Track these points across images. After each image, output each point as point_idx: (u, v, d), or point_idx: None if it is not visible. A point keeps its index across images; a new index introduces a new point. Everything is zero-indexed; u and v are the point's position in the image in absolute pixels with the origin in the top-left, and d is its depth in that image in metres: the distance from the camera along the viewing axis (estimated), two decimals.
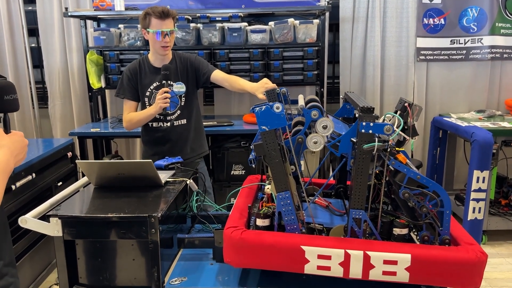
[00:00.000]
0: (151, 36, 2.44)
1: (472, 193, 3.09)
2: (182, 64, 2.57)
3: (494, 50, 3.83)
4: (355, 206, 1.56)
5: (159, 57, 2.52)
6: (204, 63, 2.59)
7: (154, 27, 2.41)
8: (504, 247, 3.34)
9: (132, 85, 2.55)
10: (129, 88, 2.55)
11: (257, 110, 1.54)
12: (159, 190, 1.86)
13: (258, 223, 1.63)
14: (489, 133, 3.04)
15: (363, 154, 1.52)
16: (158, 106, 2.38)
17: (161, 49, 2.46)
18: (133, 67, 2.56)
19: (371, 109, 1.52)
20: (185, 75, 2.56)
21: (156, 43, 2.44)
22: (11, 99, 1.15)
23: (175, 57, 2.59)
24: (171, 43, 2.48)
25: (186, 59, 2.59)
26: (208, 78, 2.55)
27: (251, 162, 1.59)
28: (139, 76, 2.54)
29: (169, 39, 2.44)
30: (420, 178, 1.51)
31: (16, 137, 1.13)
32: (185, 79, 2.55)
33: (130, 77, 2.54)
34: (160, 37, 2.40)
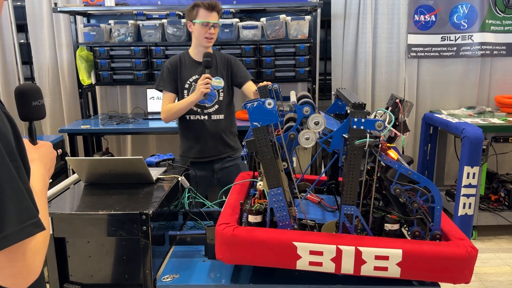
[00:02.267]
0: (196, 27, 2.47)
1: (462, 188, 3.11)
2: (222, 61, 2.61)
3: (484, 47, 3.86)
4: (346, 202, 1.56)
5: (201, 50, 2.53)
6: (243, 68, 2.64)
7: (201, 18, 2.45)
8: (494, 242, 3.38)
9: (172, 77, 2.57)
10: (169, 80, 2.57)
11: (249, 106, 1.53)
12: (151, 187, 1.85)
13: (250, 219, 1.63)
14: (479, 129, 3.07)
15: (354, 150, 1.52)
16: (200, 91, 2.38)
17: (205, 40, 2.49)
18: (174, 60, 2.60)
19: (363, 105, 1.52)
20: (223, 72, 2.59)
21: (201, 34, 2.47)
22: (39, 105, 1.02)
23: (215, 54, 2.61)
24: (215, 36, 2.52)
25: (226, 57, 2.63)
26: (242, 84, 2.59)
27: (243, 159, 1.58)
28: (179, 69, 2.58)
29: (214, 31, 2.48)
30: (411, 174, 1.52)
31: (45, 148, 1.04)
32: (223, 76, 2.58)
33: (171, 69, 2.57)
34: (206, 28, 2.44)
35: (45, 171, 0.99)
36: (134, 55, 3.48)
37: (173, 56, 2.64)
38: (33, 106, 1.01)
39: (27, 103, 1.00)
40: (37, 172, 0.95)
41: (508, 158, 3.96)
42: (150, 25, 3.43)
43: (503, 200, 3.52)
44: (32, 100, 1.01)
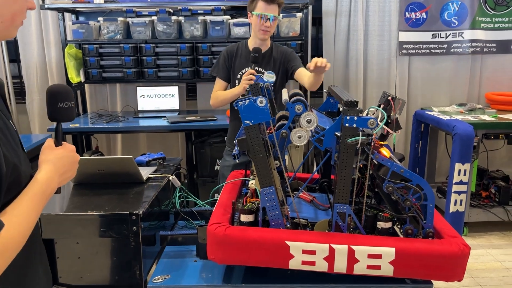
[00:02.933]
0: (254, 19, 2.50)
1: (453, 185, 3.12)
2: (278, 54, 2.62)
3: (475, 44, 3.88)
4: (339, 200, 1.55)
5: (258, 42, 2.56)
6: (296, 58, 2.64)
7: (258, 10, 2.47)
8: (485, 238, 3.40)
9: (227, 65, 2.63)
10: (224, 68, 2.64)
11: (241, 104, 1.51)
12: (141, 187, 1.83)
13: (242, 219, 1.61)
14: (470, 126, 3.08)
15: (347, 148, 1.51)
16: (242, 86, 2.43)
17: (261, 32, 2.50)
18: (232, 49, 2.65)
19: (355, 103, 1.51)
20: (278, 66, 2.61)
21: (257, 26, 2.49)
22: (66, 107, 1.01)
23: (273, 47, 2.64)
24: (271, 29, 2.52)
25: (282, 51, 2.64)
26: (293, 73, 2.59)
27: (235, 157, 1.56)
28: (234, 58, 2.62)
29: (270, 24, 2.48)
30: (404, 172, 1.51)
31: (66, 151, 1.01)
32: (277, 70, 2.59)
33: (227, 57, 2.63)
34: (262, 20, 2.45)
35: (55, 174, 0.96)
36: (123, 53, 3.44)
37: (233, 44, 2.68)
38: (58, 108, 1.00)
39: (53, 104, 1.00)
40: (40, 175, 0.93)
41: (498, 154, 3.99)
42: (139, 22, 3.39)
43: (493, 197, 3.55)
44: (59, 102, 1.00)
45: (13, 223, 0.81)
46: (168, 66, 3.48)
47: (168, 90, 3.60)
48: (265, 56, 2.62)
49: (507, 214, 3.40)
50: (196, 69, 3.49)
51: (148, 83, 3.57)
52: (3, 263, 0.80)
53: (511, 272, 2.89)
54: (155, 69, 3.47)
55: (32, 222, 0.88)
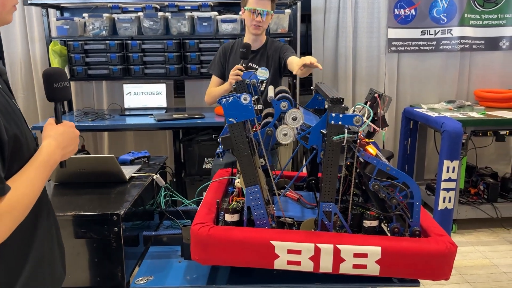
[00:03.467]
0: (246, 14, 2.47)
1: (442, 182, 3.12)
2: (271, 50, 2.58)
3: (464, 41, 3.88)
4: (325, 199, 1.52)
5: (252, 37, 2.53)
6: (288, 49, 2.59)
7: (250, 5, 2.43)
8: (474, 235, 3.41)
9: (222, 62, 2.60)
10: (218, 65, 2.61)
11: (224, 102, 1.48)
12: (123, 186, 1.79)
13: (227, 218, 1.58)
14: (458, 124, 3.07)
15: (332, 146, 1.49)
16: (229, 82, 2.40)
17: (253, 27, 2.47)
18: (227, 45, 2.63)
19: (341, 100, 1.48)
20: (272, 62, 2.57)
21: (249, 21, 2.47)
22: (60, 87, 1.10)
23: (268, 43, 2.60)
24: (264, 24, 2.48)
25: (277, 46, 2.60)
26: (286, 63, 2.54)
27: (219, 156, 1.53)
28: (229, 55, 2.60)
29: (262, 19, 2.44)
30: (390, 170, 1.49)
31: (66, 128, 1.09)
32: (270, 65, 2.56)
33: (222, 54, 2.61)
34: (253, 15, 2.41)
35: (57, 148, 1.04)
36: (109, 49, 3.38)
37: (231, 40, 2.67)
38: (54, 88, 1.09)
39: (49, 85, 1.09)
40: (44, 148, 1.02)
41: (487, 151, 4.00)
42: (125, 18, 3.33)
43: (482, 194, 3.55)
44: (54, 82, 1.09)
45: (19, 188, 0.92)
46: (155, 63, 3.43)
47: (155, 87, 3.55)
48: (259, 52, 2.57)
49: (495, 211, 3.41)
50: (183, 66, 3.44)
51: (134, 80, 3.51)
52: (11, 223, 0.91)
53: (499, 269, 2.89)
54: (142, 66, 3.41)
55: (37, 188, 0.98)
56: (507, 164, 4.13)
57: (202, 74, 3.43)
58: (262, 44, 2.59)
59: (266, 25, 2.53)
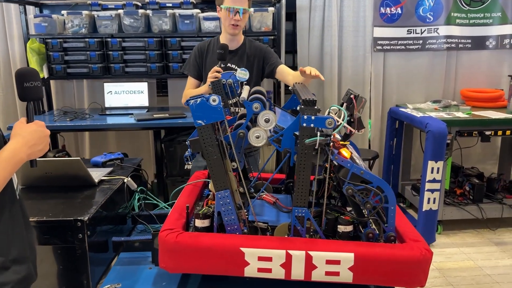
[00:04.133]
0: (222, 12, 2.40)
1: (426, 183, 3.09)
2: (251, 50, 2.50)
3: (450, 40, 3.85)
4: (297, 204, 1.47)
5: (229, 37, 2.46)
6: (274, 55, 2.52)
7: (226, 3, 2.36)
8: (459, 236, 3.38)
9: (198, 63, 2.53)
10: (194, 66, 2.54)
11: (192, 103, 1.42)
12: (92, 190, 1.73)
13: (197, 224, 1.53)
14: (443, 124, 3.04)
15: (305, 149, 1.44)
16: (207, 84, 2.33)
17: (231, 27, 2.39)
18: (203, 45, 2.54)
19: (313, 101, 1.43)
20: (252, 62, 2.49)
21: (226, 20, 2.39)
22: (31, 86, 1.11)
23: (246, 42, 2.52)
24: (242, 23, 2.41)
25: (257, 47, 2.52)
26: (274, 71, 2.47)
27: (187, 159, 1.47)
28: (205, 55, 2.52)
29: (240, 18, 2.37)
30: (364, 173, 1.45)
31: (35, 126, 1.09)
32: (250, 66, 2.47)
33: (197, 54, 2.53)
34: (231, 14, 2.34)
35: (23, 146, 1.04)
36: (89, 48, 3.30)
37: (205, 40, 2.58)
38: (24, 87, 1.09)
39: (20, 84, 1.10)
40: (11, 145, 1.02)
41: (473, 151, 3.98)
42: (105, 16, 3.26)
43: (468, 194, 3.53)
44: (24, 81, 1.09)
45: None
46: (136, 61, 3.36)
47: (137, 86, 3.48)
48: (238, 53, 2.51)
49: (480, 212, 3.39)
50: (165, 64, 3.37)
51: (114, 79, 3.44)
52: None
53: (483, 271, 2.87)
54: (122, 65, 3.34)
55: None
56: (495, 164, 4.11)
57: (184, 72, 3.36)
58: (240, 44, 2.52)
59: (244, 24, 2.47)
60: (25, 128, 1.07)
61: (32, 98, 1.13)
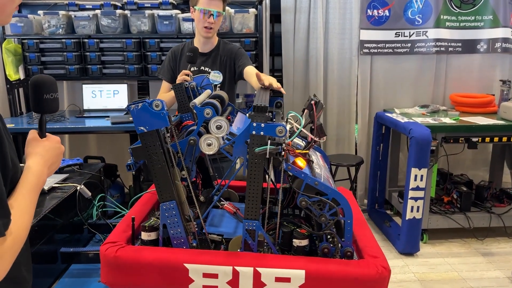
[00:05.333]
0: (196, 14, 2.32)
1: (410, 191, 2.99)
2: (224, 52, 2.43)
3: (439, 43, 3.74)
4: (248, 216, 1.39)
5: (202, 40, 2.39)
6: (243, 56, 2.43)
7: (200, 5, 2.28)
8: (445, 246, 3.27)
9: (171, 66, 2.47)
10: (168, 70, 2.48)
11: (133, 108, 1.34)
12: (39, 199, 1.63)
13: (143, 236, 1.44)
14: (427, 130, 2.94)
15: (255, 158, 1.35)
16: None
17: (204, 30, 2.33)
18: (177, 49, 2.49)
19: (264, 108, 1.34)
20: (225, 65, 2.42)
21: (199, 22, 2.32)
22: (51, 98, 1.01)
23: (220, 44, 2.45)
24: (215, 26, 2.34)
25: (229, 49, 2.44)
26: (242, 72, 2.38)
27: (130, 168, 1.39)
28: (179, 58, 2.46)
29: (214, 21, 2.30)
30: (319, 185, 1.36)
31: (52, 143, 1.00)
32: (223, 69, 2.40)
33: (171, 58, 2.48)
34: (205, 16, 2.27)
35: (44, 167, 0.95)
36: (65, 48, 3.23)
37: (179, 44, 2.53)
38: (45, 99, 0.99)
39: (39, 94, 0.99)
40: (33, 168, 0.92)
41: (464, 157, 3.87)
42: (83, 16, 3.18)
43: (455, 202, 3.42)
44: (45, 93, 0.99)
45: (17, 217, 0.82)
46: (114, 63, 3.28)
47: (116, 88, 3.40)
48: (211, 55, 2.44)
49: (467, 221, 3.28)
50: (144, 66, 3.29)
51: (94, 80, 3.37)
52: (12, 258, 0.81)
53: (466, 283, 2.76)
54: (100, 66, 3.26)
55: (31, 214, 0.89)
56: (486, 171, 3.99)
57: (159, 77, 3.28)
58: (214, 46, 2.44)
59: (218, 27, 2.40)
60: (42, 146, 0.97)
61: (50, 110, 1.02)
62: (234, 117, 1.86)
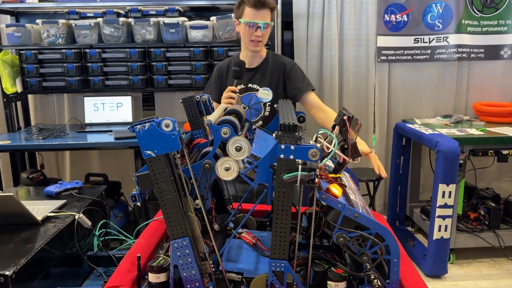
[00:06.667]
0: (242, 27, 2.13)
1: (437, 209, 2.76)
2: (275, 67, 2.20)
3: (461, 50, 3.54)
4: (275, 256, 1.17)
5: (249, 54, 2.20)
6: (300, 76, 2.21)
7: (246, 17, 2.08)
8: (474, 266, 3.03)
9: (218, 84, 2.29)
10: (215, 88, 2.29)
11: (139, 129, 1.13)
12: (32, 231, 1.44)
13: (151, 278, 1.23)
14: (455, 142, 2.72)
15: (283, 187, 1.14)
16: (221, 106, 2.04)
17: (251, 43, 2.12)
18: (222, 65, 2.32)
19: (294, 126, 1.13)
20: (275, 80, 2.19)
21: (246, 36, 2.13)
22: None
23: (269, 58, 2.23)
24: (264, 38, 2.14)
25: (281, 63, 2.22)
26: (299, 97, 2.17)
27: (135, 199, 1.18)
28: (225, 76, 2.28)
29: (262, 33, 2.10)
30: (359, 217, 1.14)
31: None
32: (274, 85, 2.17)
33: (217, 75, 2.30)
34: (251, 29, 2.08)
35: None
36: (66, 59, 3.04)
37: (225, 59, 2.35)
38: None
39: None
40: None
41: (487, 170, 3.63)
42: (84, 25, 3.00)
43: (483, 219, 3.18)
44: None
45: None
46: (117, 74, 3.09)
47: (120, 100, 3.21)
48: (258, 70, 2.21)
49: (498, 239, 3.04)
50: (149, 77, 3.10)
51: (94, 92, 3.18)
52: None
53: None
54: (102, 77, 3.08)
55: None
56: (511, 182, 3.76)
57: (170, 85, 3.09)
58: (263, 60, 2.22)
59: (266, 39, 2.16)
60: None
61: None
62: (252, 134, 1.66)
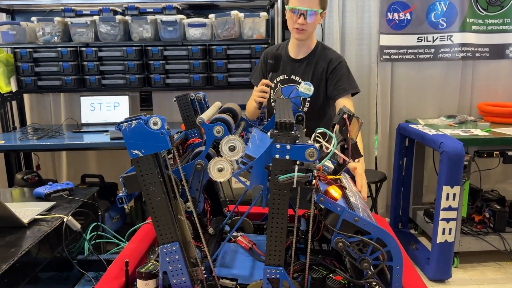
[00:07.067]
0: (287, 14, 2.02)
1: (441, 212, 2.69)
2: (321, 61, 2.08)
3: (465, 49, 3.46)
4: (270, 262, 1.11)
5: (296, 43, 2.10)
6: (344, 75, 2.06)
7: (291, 4, 1.97)
8: (478, 270, 2.95)
9: (263, 71, 2.21)
10: (260, 74, 2.21)
11: (125, 128, 1.07)
12: (18, 234, 1.37)
13: (140, 285, 1.16)
14: (459, 143, 2.65)
15: (279, 188, 1.07)
16: (253, 100, 1.98)
17: (295, 31, 2.01)
18: (270, 50, 2.19)
19: (290, 125, 1.07)
20: (318, 76, 2.07)
21: (290, 23, 2.02)
22: None
23: (317, 50, 2.11)
24: (309, 27, 1.99)
25: (327, 57, 2.08)
26: (332, 97, 2.06)
27: (122, 201, 1.11)
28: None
29: (306, 21, 1.95)
30: (359, 221, 1.07)
31: None
32: (316, 79, 2.06)
33: (263, 61, 2.20)
34: (295, 16, 1.96)
35: None
36: (61, 58, 2.99)
37: (275, 45, 2.26)
38: None
39: None
40: None
41: (492, 171, 3.55)
42: (80, 23, 2.94)
43: (487, 222, 3.11)
44: None
45: None
46: (114, 73, 3.03)
47: (117, 99, 3.15)
48: (304, 62, 2.10)
49: (503, 243, 2.96)
50: (146, 76, 3.04)
51: (90, 92, 3.12)
52: None
53: None
54: (98, 76, 3.02)
55: None
56: None
57: (167, 84, 3.03)
58: (310, 51, 2.10)
59: (313, 28, 2.03)
60: None
61: None
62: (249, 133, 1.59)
